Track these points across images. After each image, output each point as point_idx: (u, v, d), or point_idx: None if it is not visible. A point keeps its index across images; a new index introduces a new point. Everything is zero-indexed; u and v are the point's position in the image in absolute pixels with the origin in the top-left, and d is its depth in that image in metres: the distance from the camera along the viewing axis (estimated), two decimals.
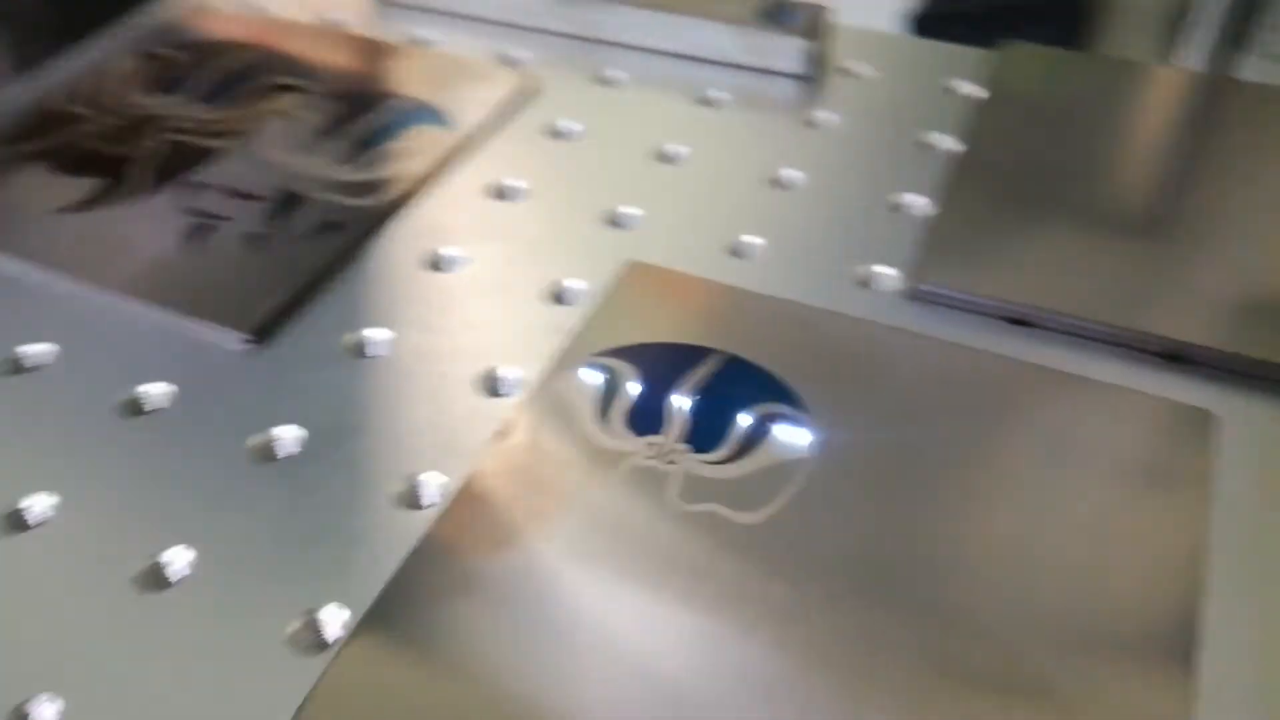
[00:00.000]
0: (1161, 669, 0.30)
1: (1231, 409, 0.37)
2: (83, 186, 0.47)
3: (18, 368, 0.40)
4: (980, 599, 0.32)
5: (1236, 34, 0.75)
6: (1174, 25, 0.84)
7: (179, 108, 0.53)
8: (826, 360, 0.39)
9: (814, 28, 0.56)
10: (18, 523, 0.34)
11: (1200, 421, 0.36)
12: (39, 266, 0.43)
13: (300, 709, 0.29)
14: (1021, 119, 0.53)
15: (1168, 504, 0.34)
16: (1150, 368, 0.39)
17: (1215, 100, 0.56)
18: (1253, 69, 0.79)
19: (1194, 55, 0.79)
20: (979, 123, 0.52)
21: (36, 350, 0.40)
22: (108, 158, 0.49)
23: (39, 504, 0.35)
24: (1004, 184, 0.48)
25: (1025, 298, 0.41)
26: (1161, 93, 0.57)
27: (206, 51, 0.57)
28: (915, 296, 0.43)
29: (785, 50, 0.55)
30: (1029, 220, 0.46)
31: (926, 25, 0.98)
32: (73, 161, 0.49)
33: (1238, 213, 0.46)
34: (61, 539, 0.34)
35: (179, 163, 0.49)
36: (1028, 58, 0.58)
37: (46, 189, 0.47)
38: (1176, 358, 0.39)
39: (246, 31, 0.59)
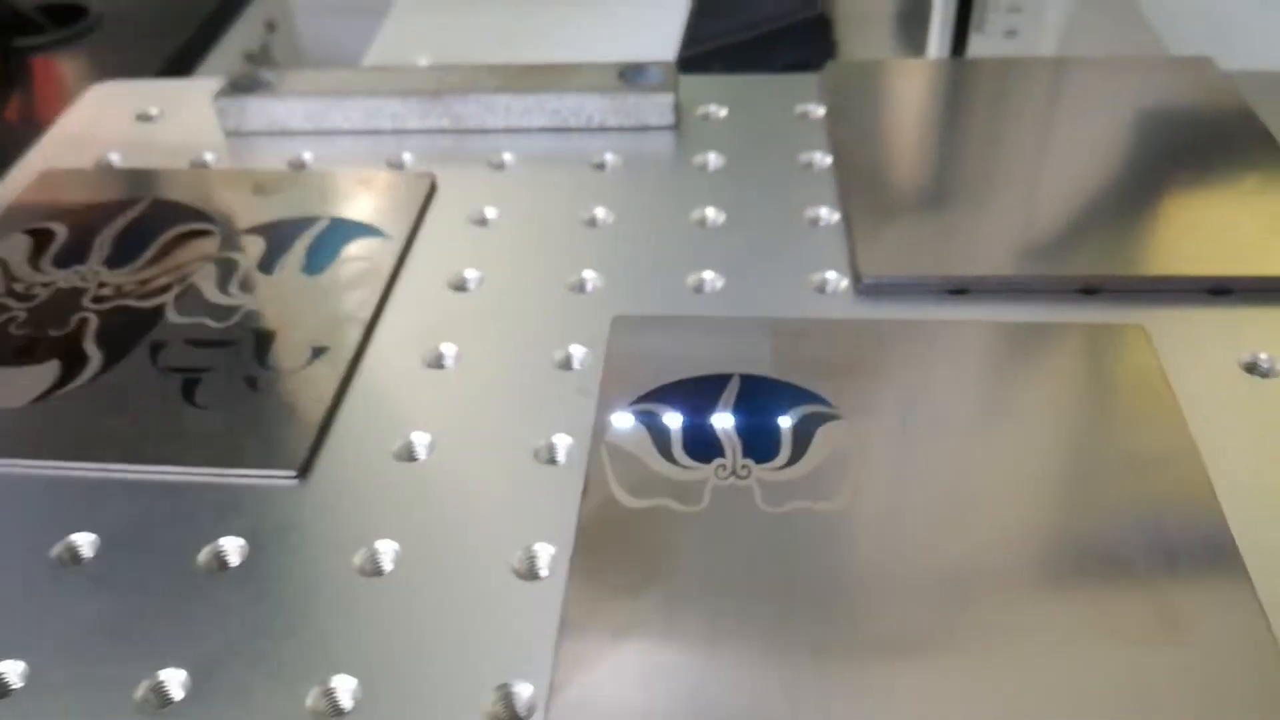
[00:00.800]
0: (1215, 557, 0.37)
1: (1152, 322, 0.45)
2: (40, 374, 0.46)
3: (76, 559, 0.39)
4: (1047, 538, 0.38)
5: (968, 19, 0.88)
6: (909, 22, 0.97)
7: (92, 277, 0.52)
8: (823, 359, 0.45)
9: (670, 81, 0.62)
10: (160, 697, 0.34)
11: (1139, 336, 0.44)
12: (54, 461, 0.42)
13: None
14: (863, 122, 0.61)
15: (1149, 407, 0.42)
16: (1074, 304, 0.47)
17: (1005, 80, 0.66)
18: (987, 47, 0.92)
19: (936, 43, 0.91)
20: (833, 135, 0.60)
21: (84, 539, 0.40)
22: (49, 341, 0.48)
23: (172, 680, 0.35)
24: (883, 180, 0.56)
25: (958, 269, 0.49)
26: (957, 81, 0.67)
27: (87, 217, 0.56)
28: (863, 291, 0.49)
29: (653, 106, 0.61)
30: (922, 204, 0.54)
31: (688, 66, 1.06)
32: (13, 354, 0.48)
33: (1083, 164, 0.56)
34: (233, 681, 0.34)
35: (128, 328, 0.49)
36: (845, 73, 0.67)
37: (4, 386, 0.46)
38: (1092, 291, 0.47)
39: (114, 190, 0.59)
